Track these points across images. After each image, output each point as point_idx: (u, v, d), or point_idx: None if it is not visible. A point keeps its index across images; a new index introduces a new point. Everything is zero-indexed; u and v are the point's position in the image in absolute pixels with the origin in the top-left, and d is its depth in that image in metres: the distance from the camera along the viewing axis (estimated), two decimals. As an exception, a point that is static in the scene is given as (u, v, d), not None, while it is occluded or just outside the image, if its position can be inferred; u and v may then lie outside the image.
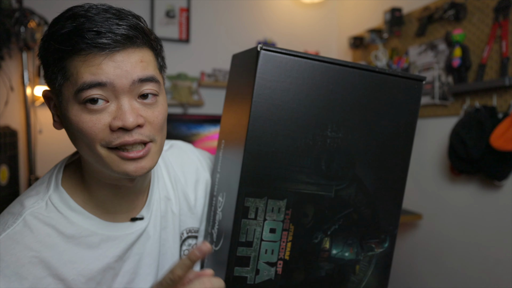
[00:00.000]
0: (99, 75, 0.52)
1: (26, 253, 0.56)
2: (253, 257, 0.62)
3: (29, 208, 0.59)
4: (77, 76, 0.52)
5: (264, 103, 0.59)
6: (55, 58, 0.54)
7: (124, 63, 0.53)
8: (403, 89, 0.66)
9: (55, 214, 0.60)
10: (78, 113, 0.54)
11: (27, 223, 0.57)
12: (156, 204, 0.71)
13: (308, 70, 0.61)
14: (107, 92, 0.53)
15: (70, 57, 0.53)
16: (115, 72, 0.53)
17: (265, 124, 0.59)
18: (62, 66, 0.53)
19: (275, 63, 0.59)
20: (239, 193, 0.60)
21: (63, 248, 0.58)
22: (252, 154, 0.59)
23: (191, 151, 0.84)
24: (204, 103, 2.66)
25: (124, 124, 0.53)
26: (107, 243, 0.62)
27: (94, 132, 0.54)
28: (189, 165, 0.81)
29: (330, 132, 0.63)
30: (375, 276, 0.69)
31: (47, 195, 0.61)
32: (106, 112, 0.54)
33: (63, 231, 0.59)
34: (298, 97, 0.61)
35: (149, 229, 0.69)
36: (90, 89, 0.52)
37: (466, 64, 1.83)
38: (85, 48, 0.51)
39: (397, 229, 0.70)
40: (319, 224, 0.64)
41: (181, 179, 0.78)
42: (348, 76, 0.63)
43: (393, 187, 0.68)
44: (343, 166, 0.64)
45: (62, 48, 0.52)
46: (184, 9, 2.62)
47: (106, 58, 0.52)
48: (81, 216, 0.61)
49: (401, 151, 0.68)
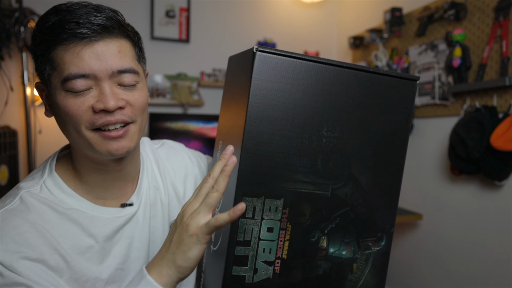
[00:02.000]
0: (82, 68, 0.58)
1: (23, 224, 0.60)
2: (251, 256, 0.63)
3: (25, 189, 0.64)
4: (63, 67, 0.58)
5: (261, 103, 0.60)
6: (42, 49, 0.59)
7: (104, 54, 0.59)
8: (398, 89, 0.67)
9: (48, 195, 0.64)
10: (65, 98, 0.59)
11: (23, 200, 0.62)
12: (145, 192, 0.75)
13: (303, 71, 0.61)
14: (90, 80, 0.59)
15: (55, 47, 0.58)
16: (96, 64, 0.59)
17: (261, 124, 0.60)
18: (49, 57, 0.59)
19: (271, 64, 0.60)
20: (236, 193, 0.60)
21: (56, 223, 0.63)
22: (249, 153, 0.60)
23: (181, 148, 0.89)
24: (204, 103, 2.66)
25: (105, 106, 0.59)
26: (97, 223, 0.66)
27: (79, 114, 0.59)
28: (178, 160, 0.85)
29: (325, 131, 0.63)
30: (373, 274, 0.70)
31: (42, 180, 0.66)
32: (89, 96, 0.60)
33: (56, 209, 0.64)
34: (294, 97, 0.61)
35: (139, 215, 0.72)
36: (74, 80, 0.58)
37: (466, 64, 1.83)
38: (66, 38, 0.57)
39: (393, 228, 0.70)
40: (316, 223, 0.65)
41: (170, 172, 0.82)
42: (343, 77, 0.64)
43: (389, 185, 0.69)
44: (339, 165, 0.65)
45: (46, 38, 0.58)
46: (184, 9, 2.62)
47: (85, 46, 0.58)
48: (73, 199, 0.66)
49: (396, 150, 0.69)
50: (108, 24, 0.59)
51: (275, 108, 0.60)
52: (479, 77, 1.77)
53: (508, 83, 1.60)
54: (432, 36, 2.08)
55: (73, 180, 0.68)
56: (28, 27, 2.04)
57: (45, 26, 0.58)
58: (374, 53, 2.39)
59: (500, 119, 1.66)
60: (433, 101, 2.00)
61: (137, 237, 0.71)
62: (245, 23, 2.81)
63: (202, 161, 0.90)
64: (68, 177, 0.68)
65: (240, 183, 0.60)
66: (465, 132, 1.74)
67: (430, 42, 2.07)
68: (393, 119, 0.67)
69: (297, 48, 2.93)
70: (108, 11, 0.61)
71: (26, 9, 2.07)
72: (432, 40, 2.06)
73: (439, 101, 1.98)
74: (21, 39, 2.05)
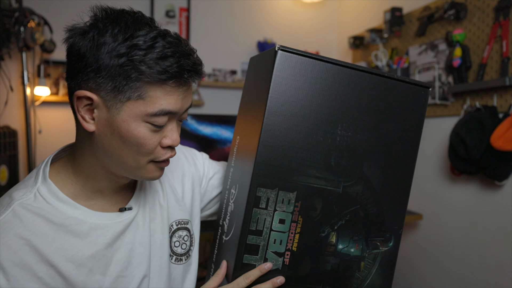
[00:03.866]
0: (175, 106, 0.59)
1: (16, 241, 0.57)
2: (262, 246, 0.65)
3: (17, 199, 0.61)
4: (156, 100, 0.58)
5: (279, 99, 0.63)
6: (137, 76, 0.56)
7: (189, 95, 0.62)
8: (410, 95, 0.69)
9: (43, 205, 0.61)
10: (140, 127, 0.59)
11: (16, 213, 0.59)
12: (143, 195, 0.74)
13: (321, 71, 0.64)
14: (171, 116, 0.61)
15: (154, 83, 0.57)
16: (184, 104, 0.61)
17: (279, 118, 0.63)
18: (139, 85, 0.56)
19: (291, 63, 0.63)
20: (252, 183, 0.63)
21: (53, 236, 0.60)
22: (266, 146, 0.63)
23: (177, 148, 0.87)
24: (204, 103, 2.66)
25: (173, 144, 0.62)
26: (96, 231, 0.64)
27: (151, 148, 0.61)
28: (175, 160, 0.84)
29: (340, 130, 0.66)
30: (380, 275, 0.71)
31: (35, 187, 0.63)
32: (161, 131, 0.61)
33: (52, 220, 0.61)
34: (311, 95, 0.64)
35: (138, 220, 0.71)
36: (163, 116, 0.59)
37: (466, 64, 1.83)
38: (175, 81, 0.57)
39: (402, 229, 0.71)
40: (327, 218, 0.67)
41: (168, 174, 0.81)
42: (359, 79, 0.66)
43: (399, 188, 0.71)
44: (352, 164, 0.67)
45: (148, 70, 0.55)
46: (184, 9, 2.62)
47: (184, 93, 0.60)
48: (69, 206, 0.63)
49: (407, 153, 0.71)
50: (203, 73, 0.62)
51: (292, 105, 0.63)
52: (479, 77, 1.77)
53: (508, 83, 1.60)
54: (432, 36, 2.08)
55: (71, 187, 0.65)
56: (28, 27, 2.04)
57: (157, 59, 0.55)
58: (374, 53, 2.38)
59: (500, 119, 1.66)
60: (433, 101, 2.00)
61: (138, 242, 0.70)
62: (245, 23, 2.80)
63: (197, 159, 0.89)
64: (64, 183, 0.65)
65: (255, 175, 0.63)
66: (465, 132, 1.74)
67: (430, 42, 2.07)
68: (404, 123, 0.70)
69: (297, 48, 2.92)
70: (195, 53, 0.61)
71: (26, 9, 2.07)
72: (432, 40, 2.06)
73: (439, 101, 1.98)
74: (21, 39, 2.05)
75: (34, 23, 2.07)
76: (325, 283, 0.68)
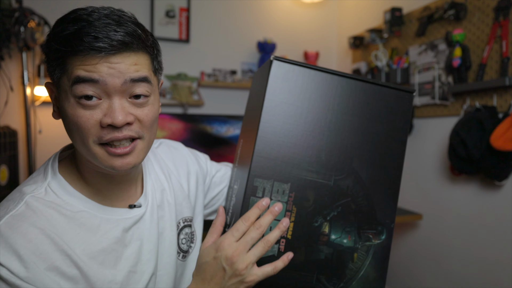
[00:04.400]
0: (93, 73, 0.56)
1: (32, 230, 0.57)
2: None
3: (29, 193, 0.61)
4: (72, 71, 0.57)
5: (275, 100, 0.71)
6: (56, 56, 0.58)
7: (118, 65, 0.57)
8: (395, 99, 0.76)
9: (54, 198, 0.62)
10: (74, 107, 0.58)
11: (29, 205, 0.59)
12: (151, 194, 0.74)
13: (311, 77, 0.72)
14: (100, 90, 0.57)
15: (69, 56, 0.57)
16: (108, 71, 0.57)
17: (274, 117, 0.70)
18: (61, 62, 0.58)
19: (284, 70, 0.71)
20: (249, 175, 0.69)
21: (65, 228, 0.61)
22: (262, 141, 0.70)
23: (180, 147, 0.90)
24: (204, 103, 2.66)
25: (113, 122, 0.58)
26: (106, 225, 0.65)
27: (87, 127, 0.58)
28: (179, 159, 0.86)
29: (329, 129, 0.72)
30: (373, 267, 0.74)
31: (46, 182, 0.63)
32: (98, 109, 0.58)
33: (64, 213, 0.62)
34: (302, 97, 0.72)
35: (146, 217, 0.72)
36: (83, 84, 0.56)
37: (466, 64, 1.83)
38: (83, 50, 0.55)
39: (393, 223, 0.76)
40: (319, 209, 0.72)
41: (174, 171, 0.82)
42: (346, 85, 0.74)
43: (388, 183, 0.76)
44: (342, 159, 0.73)
45: (62, 49, 0.56)
46: (184, 9, 2.62)
47: (101, 59, 0.56)
48: (80, 201, 0.64)
49: (394, 151, 0.76)
50: (127, 40, 0.57)
51: (286, 105, 0.71)
52: (479, 77, 1.77)
53: (508, 83, 1.60)
54: (432, 36, 2.08)
55: (78, 181, 0.66)
56: (28, 27, 2.04)
57: (61, 34, 0.56)
58: (374, 53, 2.39)
59: (500, 119, 1.66)
60: (433, 101, 2.00)
61: (147, 238, 0.71)
62: (245, 23, 2.81)
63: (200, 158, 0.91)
64: (73, 179, 0.66)
65: (253, 167, 0.69)
66: (465, 132, 1.75)
67: (430, 42, 2.07)
68: (391, 124, 0.76)
69: (297, 48, 2.93)
70: (130, 24, 0.58)
71: (26, 9, 2.07)
72: (432, 40, 2.06)
73: (439, 101, 1.98)
74: (21, 39, 2.05)
75: (34, 23, 2.07)
76: (320, 272, 0.72)
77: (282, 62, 0.71)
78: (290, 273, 0.70)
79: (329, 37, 3.04)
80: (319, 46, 2.99)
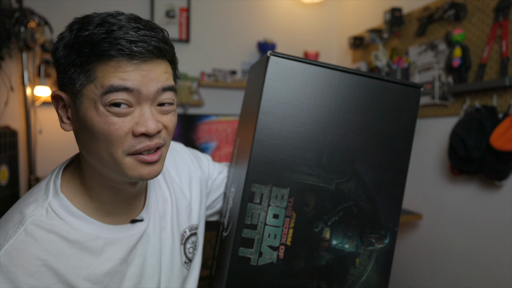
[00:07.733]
0: (127, 81, 0.54)
1: (33, 263, 0.55)
2: (257, 240, 0.67)
3: (29, 216, 0.58)
4: (103, 79, 0.53)
5: (272, 100, 0.66)
6: (81, 61, 0.54)
7: (151, 73, 0.56)
8: (401, 95, 0.71)
9: (56, 221, 0.59)
10: (104, 115, 0.54)
11: (29, 232, 0.56)
12: (154, 205, 0.73)
13: (311, 74, 0.68)
14: (132, 98, 0.55)
15: (99, 61, 0.54)
16: (143, 80, 0.55)
17: (272, 118, 0.66)
18: (87, 68, 0.54)
19: (282, 66, 0.67)
20: (246, 180, 0.66)
21: (69, 254, 0.58)
22: (259, 144, 0.66)
23: (182, 150, 0.87)
24: (204, 103, 2.66)
25: (147, 130, 0.56)
26: (110, 246, 0.63)
27: (119, 136, 0.55)
28: (182, 164, 0.83)
29: (330, 129, 0.68)
30: (376, 272, 0.71)
31: (47, 202, 0.60)
32: (129, 116, 0.56)
33: (67, 237, 0.59)
34: (302, 96, 0.67)
35: (149, 231, 0.70)
36: (116, 93, 0.54)
37: (466, 64, 1.83)
38: (117, 55, 0.53)
39: (397, 227, 0.72)
40: (320, 214, 0.68)
41: (176, 179, 0.80)
42: (349, 81, 0.69)
43: (393, 185, 0.72)
44: (343, 161, 0.69)
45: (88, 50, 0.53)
46: (184, 9, 2.62)
47: (135, 66, 0.54)
48: (83, 221, 0.61)
49: (400, 152, 0.72)
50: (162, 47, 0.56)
51: (284, 105, 0.67)
52: (479, 77, 1.77)
53: (508, 83, 1.60)
54: (432, 36, 2.08)
55: (81, 198, 0.63)
56: (28, 27, 2.04)
57: (89, 37, 0.53)
58: (374, 53, 2.39)
59: (500, 119, 1.66)
60: (433, 101, 2.00)
61: (150, 253, 0.69)
62: (245, 23, 2.81)
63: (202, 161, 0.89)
64: (75, 196, 0.63)
65: (250, 171, 0.66)
66: (465, 132, 1.75)
67: (430, 42, 2.07)
68: (396, 122, 0.71)
69: (297, 48, 2.93)
70: (159, 30, 0.57)
71: (26, 9, 2.07)
72: (432, 40, 2.06)
73: (439, 101, 1.98)
74: (21, 39, 2.05)
75: (35, 23, 2.07)
76: (320, 278, 0.69)
77: (280, 58, 0.66)
78: (289, 280, 0.68)
79: (329, 37, 3.04)
80: (319, 46, 2.99)
